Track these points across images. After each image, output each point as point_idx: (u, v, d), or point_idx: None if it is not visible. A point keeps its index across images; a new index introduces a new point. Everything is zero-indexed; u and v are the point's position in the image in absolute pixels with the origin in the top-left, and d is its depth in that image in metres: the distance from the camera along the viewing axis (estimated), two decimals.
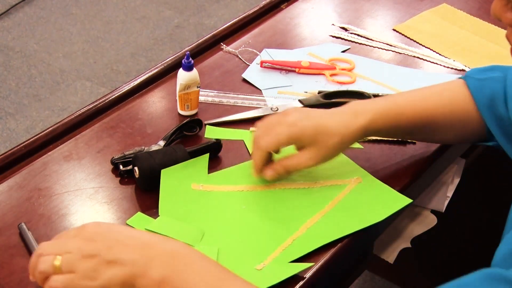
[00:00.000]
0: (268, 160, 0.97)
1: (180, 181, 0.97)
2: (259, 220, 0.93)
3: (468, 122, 1.00)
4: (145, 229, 0.90)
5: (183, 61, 1.08)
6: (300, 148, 0.95)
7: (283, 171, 0.95)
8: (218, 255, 0.87)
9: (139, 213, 0.94)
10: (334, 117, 0.95)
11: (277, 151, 0.96)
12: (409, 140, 1.07)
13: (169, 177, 0.97)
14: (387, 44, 1.32)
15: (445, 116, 0.99)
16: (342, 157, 1.02)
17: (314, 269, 0.86)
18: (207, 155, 1.02)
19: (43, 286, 0.76)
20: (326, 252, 0.88)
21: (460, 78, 1.02)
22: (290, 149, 0.97)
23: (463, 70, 1.26)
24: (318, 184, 0.98)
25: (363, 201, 0.96)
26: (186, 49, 1.27)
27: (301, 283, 0.85)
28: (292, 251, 0.88)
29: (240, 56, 1.27)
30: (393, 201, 0.96)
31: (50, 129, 1.08)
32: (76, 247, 0.75)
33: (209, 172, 1.00)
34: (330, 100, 1.15)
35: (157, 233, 0.89)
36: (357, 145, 1.06)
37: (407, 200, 0.96)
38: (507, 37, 0.84)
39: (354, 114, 0.95)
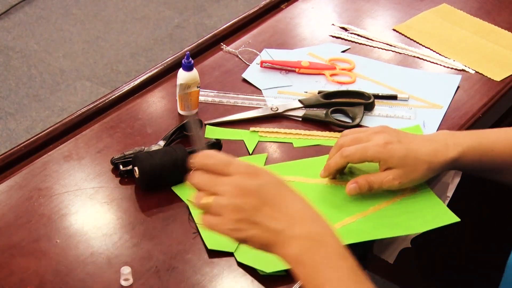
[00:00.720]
0: (342, 169, 0.97)
1: None
2: None
3: None
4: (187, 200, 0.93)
5: (183, 61, 1.08)
6: (384, 167, 0.94)
7: (367, 186, 0.93)
8: None
9: None
10: (425, 143, 0.94)
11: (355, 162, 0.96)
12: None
13: None
14: (387, 44, 1.32)
15: None
16: None
17: None
18: (266, 154, 1.03)
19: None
20: None
21: None
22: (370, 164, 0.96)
23: (463, 70, 1.26)
24: None
25: (409, 210, 0.94)
26: (186, 49, 1.27)
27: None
28: None
29: (240, 56, 1.27)
30: (440, 216, 0.93)
31: (50, 129, 1.08)
32: (229, 193, 0.75)
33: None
34: (330, 100, 1.15)
35: None
36: None
37: (454, 218, 0.93)
38: None
39: (445, 145, 0.94)
